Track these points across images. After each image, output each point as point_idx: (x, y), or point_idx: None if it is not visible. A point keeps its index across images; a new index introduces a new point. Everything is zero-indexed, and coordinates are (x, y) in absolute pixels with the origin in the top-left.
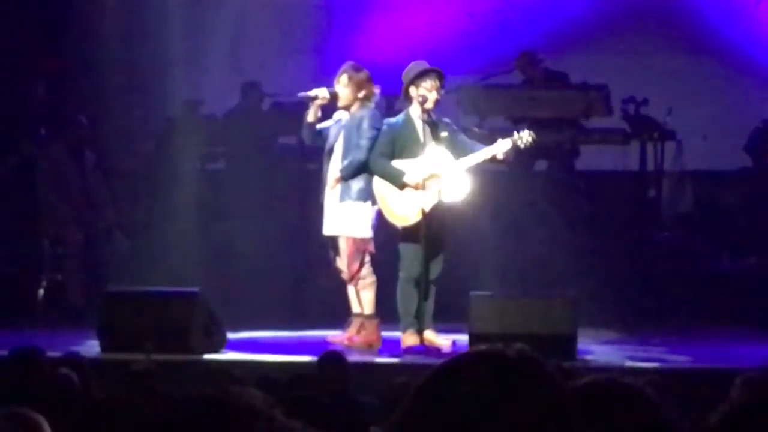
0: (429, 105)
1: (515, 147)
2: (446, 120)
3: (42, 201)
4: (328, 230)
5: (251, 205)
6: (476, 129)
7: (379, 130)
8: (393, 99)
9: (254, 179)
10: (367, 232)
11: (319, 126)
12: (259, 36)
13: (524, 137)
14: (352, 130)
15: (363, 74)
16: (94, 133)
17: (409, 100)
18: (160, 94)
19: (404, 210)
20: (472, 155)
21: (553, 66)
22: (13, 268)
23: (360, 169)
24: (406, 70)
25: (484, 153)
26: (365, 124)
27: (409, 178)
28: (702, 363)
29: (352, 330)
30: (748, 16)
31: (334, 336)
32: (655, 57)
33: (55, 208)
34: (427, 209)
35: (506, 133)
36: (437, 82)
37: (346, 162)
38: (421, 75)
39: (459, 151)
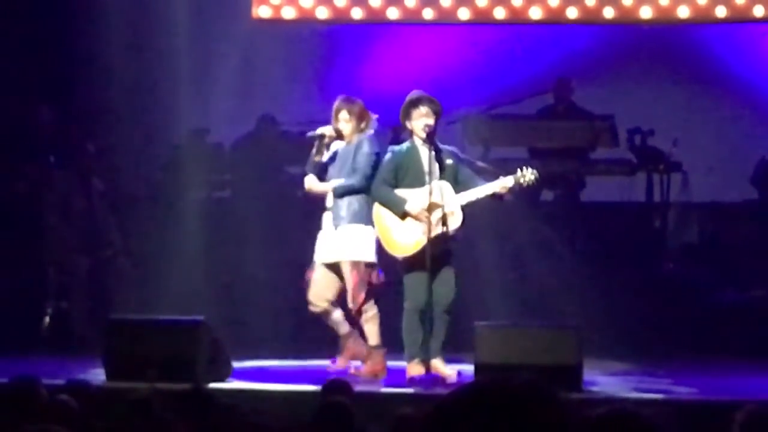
0: (431, 123)
1: (518, 184)
2: (451, 148)
3: (48, 228)
4: (327, 258)
5: (257, 234)
6: (480, 163)
7: (377, 154)
8: (399, 129)
9: (260, 208)
10: (370, 257)
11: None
12: (265, 65)
13: (527, 176)
14: (348, 154)
15: (358, 105)
16: (101, 161)
17: (409, 133)
18: (167, 122)
19: (403, 240)
20: (472, 190)
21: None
22: (18, 296)
23: (352, 191)
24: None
25: (485, 189)
26: (365, 149)
27: (411, 206)
28: (707, 395)
29: (347, 354)
30: (754, 47)
31: (330, 365)
32: (661, 88)
33: (62, 236)
34: (429, 239)
35: (511, 164)
36: (431, 107)
37: (343, 181)
38: (413, 104)
39: (461, 183)
